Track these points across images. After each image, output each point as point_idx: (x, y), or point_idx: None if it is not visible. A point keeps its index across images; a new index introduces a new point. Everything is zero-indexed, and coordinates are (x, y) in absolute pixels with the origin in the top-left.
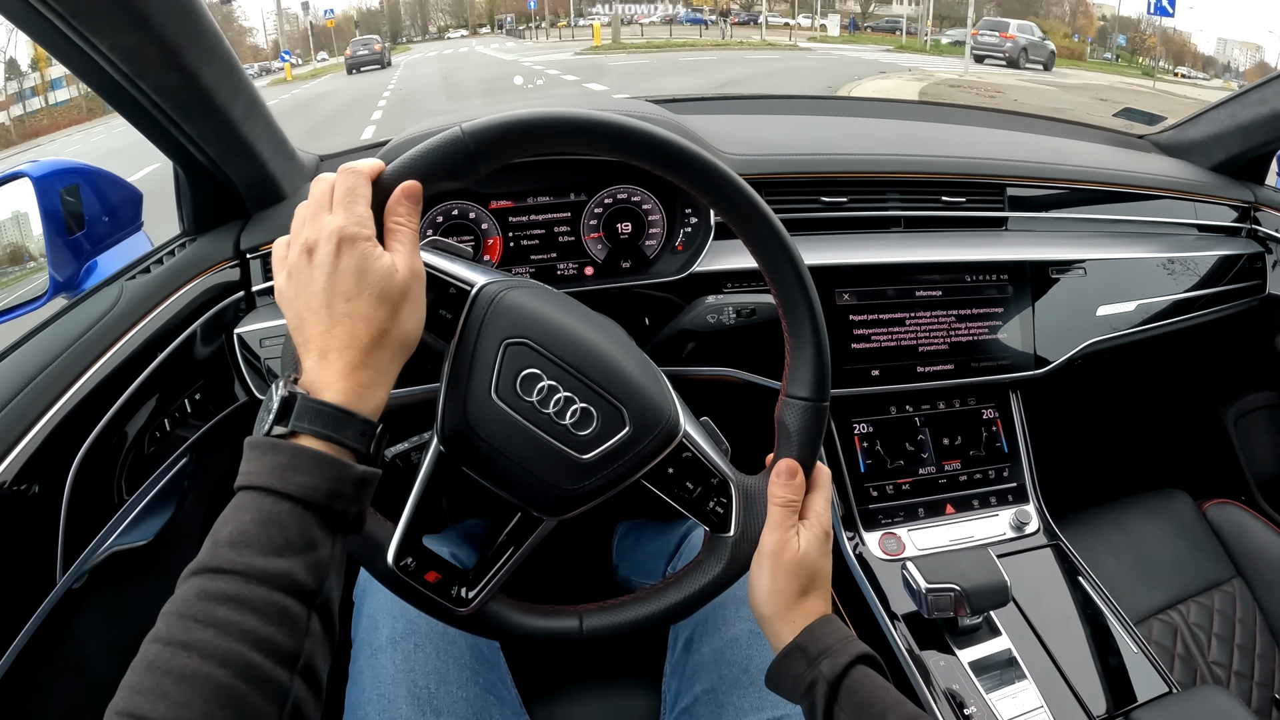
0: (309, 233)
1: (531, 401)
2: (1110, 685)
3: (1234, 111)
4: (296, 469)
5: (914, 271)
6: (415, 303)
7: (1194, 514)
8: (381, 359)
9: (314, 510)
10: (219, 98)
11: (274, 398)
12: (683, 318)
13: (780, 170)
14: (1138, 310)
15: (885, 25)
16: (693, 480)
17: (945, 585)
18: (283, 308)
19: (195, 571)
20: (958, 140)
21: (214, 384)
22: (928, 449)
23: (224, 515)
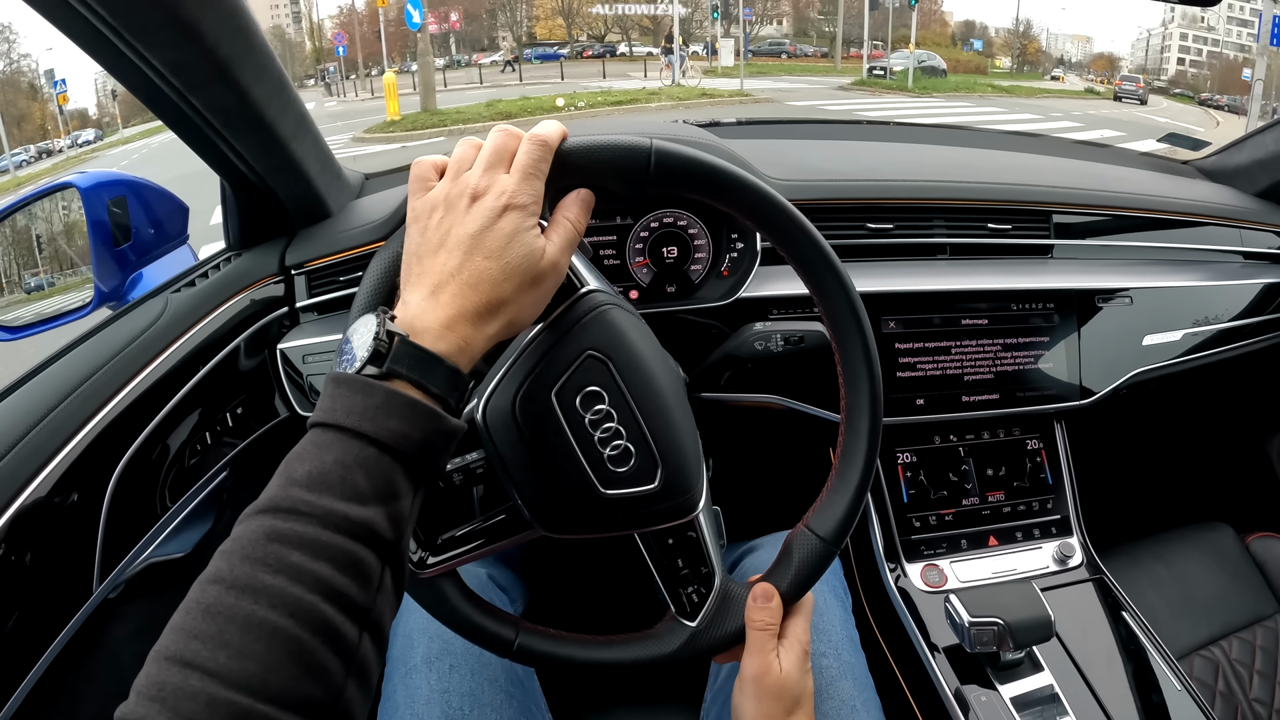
0: (480, 180)
1: (584, 417)
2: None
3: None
4: (390, 414)
5: (960, 300)
6: (542, 295)
7: (1237, 547)
8: (488, 327)
9: (401, 460)
10: (269, 114)
11: (365, 333)
12: (729, 344)
13: (826, 196)
14: (1184, 339)
15: (769, 49)
16: (685, 560)
17: (988, 619)
18: (410, 229)
19: (264, 510)
20: (1003, 166)
21: (255, 399)
22: (971, 479)
23: (298, 452)
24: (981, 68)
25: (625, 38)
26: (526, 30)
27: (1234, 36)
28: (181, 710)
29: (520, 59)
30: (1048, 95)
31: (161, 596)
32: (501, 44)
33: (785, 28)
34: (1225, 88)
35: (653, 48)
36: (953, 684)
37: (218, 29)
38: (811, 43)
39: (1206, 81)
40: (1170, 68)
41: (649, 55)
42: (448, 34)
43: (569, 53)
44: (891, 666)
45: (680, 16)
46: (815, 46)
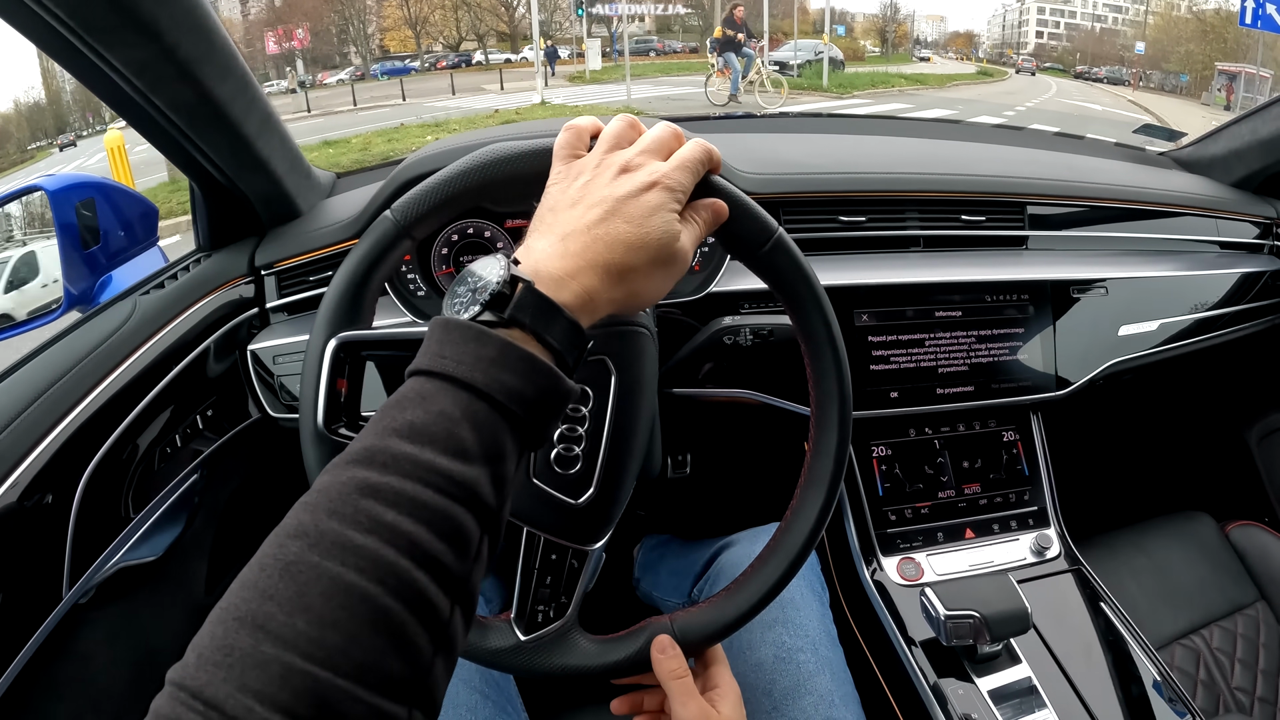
0: (636, 158)
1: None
2: (1133, 714)
3: (1255, 127)
4: (505, 367)
5: (934, 291)
6: (669, 276)
7: (1217, 536)
8: (614, 290)
9: (511, 419)
10: (233, 113)
11: (484, 276)
12: (699, 338)
13: (798, 190)
14: (1160, 329)
15: (636, 47)
16: (553, 581)
17: (965, 612)
18: (550, 189)
19: (356, 460)
20: (976, 158)
21: (226, 401)
22: (947, 472)
23: (397, 400)
24: (859, 53)
25: (481, 45)
26: (378, 44)
27: (1090, 7)
28: (249, 681)
29: (366, 75)
30: (959, 83)
31: (133, 601)
32: (354, 60)
33: (648, 25)
34: (1098, 60)
35: (510, 54)
36: (930, 677)
37: (178, 28)
38: (677, 38)
39: (1075, 55)
40: (1030, 42)
41: (506, 62)
42: (292, 52)
43: (421, 65)
44: (869, 660)
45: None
46: (683, 42)
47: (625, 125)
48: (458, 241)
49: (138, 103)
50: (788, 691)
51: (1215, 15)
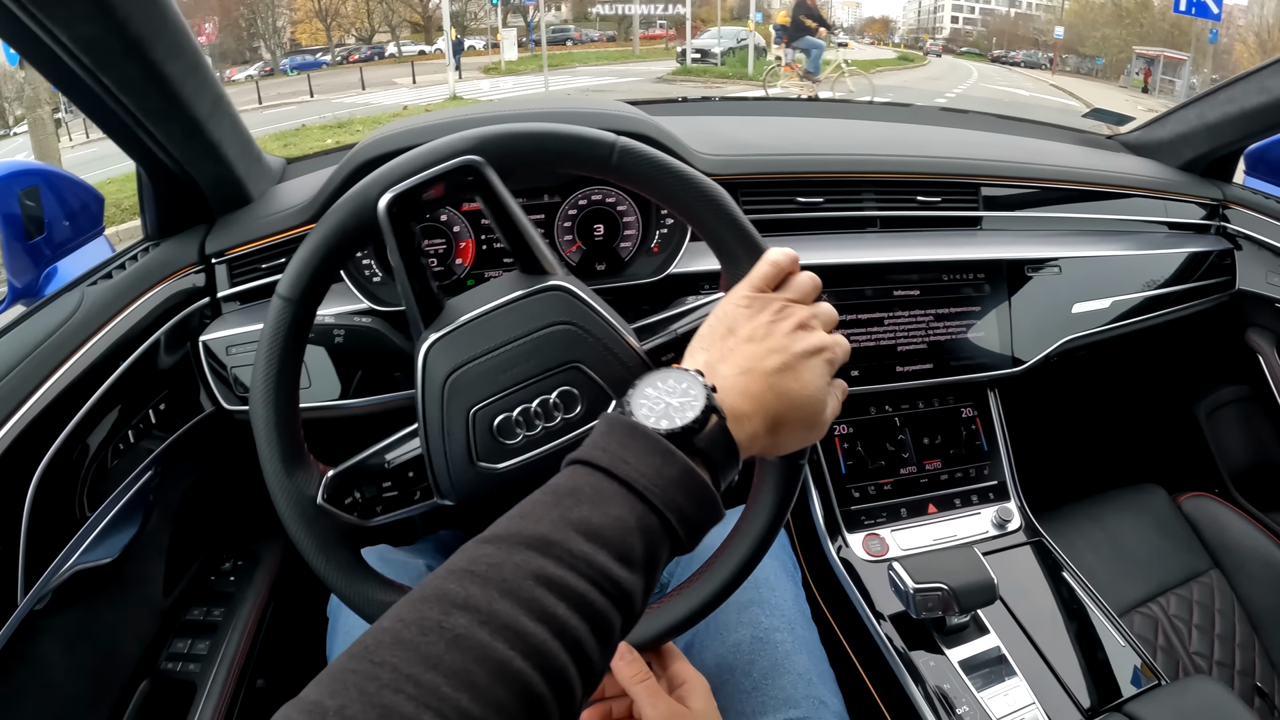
0: (812, 319)
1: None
2: (1099, 679)
3: (1202, 111)
4: (682, 489)
5: (891, 271)
6: (804, 439)
7: (1170, 507)
8: (766, 436)
9: (673, 538)
10: (184, 94)
11: (687, 394)
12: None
13: (755, 171)
14: (1112, 307)
15: (553, 37)
16: None
17: (933, 585)
18: (740, 303)
19: (533, 547)
20: (931, 141)
21: (179, 394)
22: (908, 449)
23: (574, 489)
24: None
25: (394, 36)
26: (288, 37)
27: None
28: None
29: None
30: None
31: (91, 605)
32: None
33: (565, 13)
34: (1014, 44)
35: (425, 45)
36: (901, 650)
37: (128, 2)
38: (595, 26)
39: (992, 40)
40: (946, 27)
41: (420, 54)
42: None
43: (332, 59)
44: (839, 638)
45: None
46: (600, 30)
47: (814, 283)
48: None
49: (84, 81)
50: (767, 671)
51: (1131, 0)
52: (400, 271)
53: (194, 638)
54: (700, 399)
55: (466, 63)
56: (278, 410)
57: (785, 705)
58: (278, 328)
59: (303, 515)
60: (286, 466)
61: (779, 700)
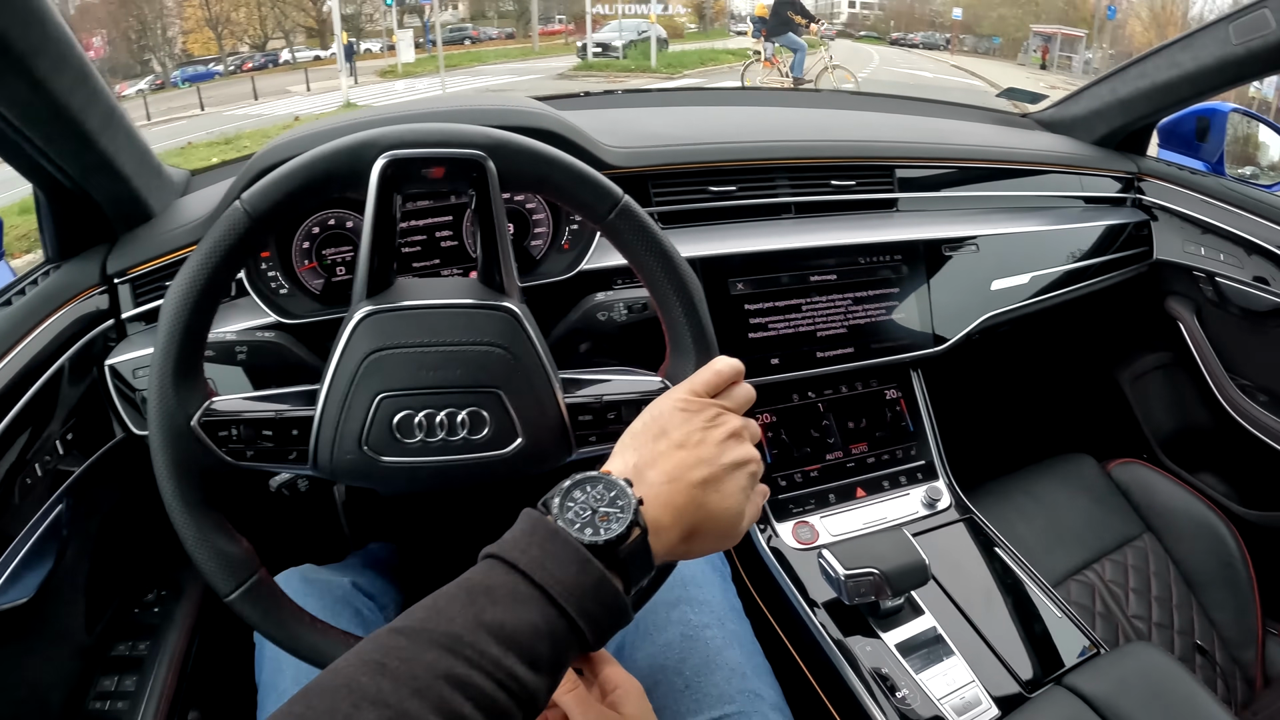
0: (743, 429)
1: (418, 439)
2: (1038, 651)
3: (1114, 86)
4: (596, 599)
5: (807, 257)
6: (716, 547)
7: (1100, 475)
8: (680, 544)
9: (582, 642)
10: (73, 108)
11: (615, 507)
12: (572, 317)
13: (665, 162)
14: (1031, 282)
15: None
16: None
17: (864, 570)
18: (679, 404)
19: (444, 647)
20: (845, 125)
21: (87, 421)
22: (833, 434)
23: (490, 589)
24: (678, 30)
25: (288, 42)
26: (180, 48)
27: None
28: None
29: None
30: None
31: (11, 649)
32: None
33: (462, 11)
34: (912, 26)
35: (320, 50)
36: (836, 637)
37: (7, 16)
38: (493, 24)
39: (889, 23)
40: (843, 12)
41: (315, 60)
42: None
43: (225, 69)
44: (775, 629)
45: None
46: (499, 28)
47: (750, 396)
48: (319, 234)
49: None
50: (699, 669)
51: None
52: (366, 235)
53: (121, 674)
54: (628, 514)
55: (363, 67)
56: (191, 315)
57: (720, 701)
58: (226, 236)
59: (170, 429)
60: (175, 376)
61: (713, 697)
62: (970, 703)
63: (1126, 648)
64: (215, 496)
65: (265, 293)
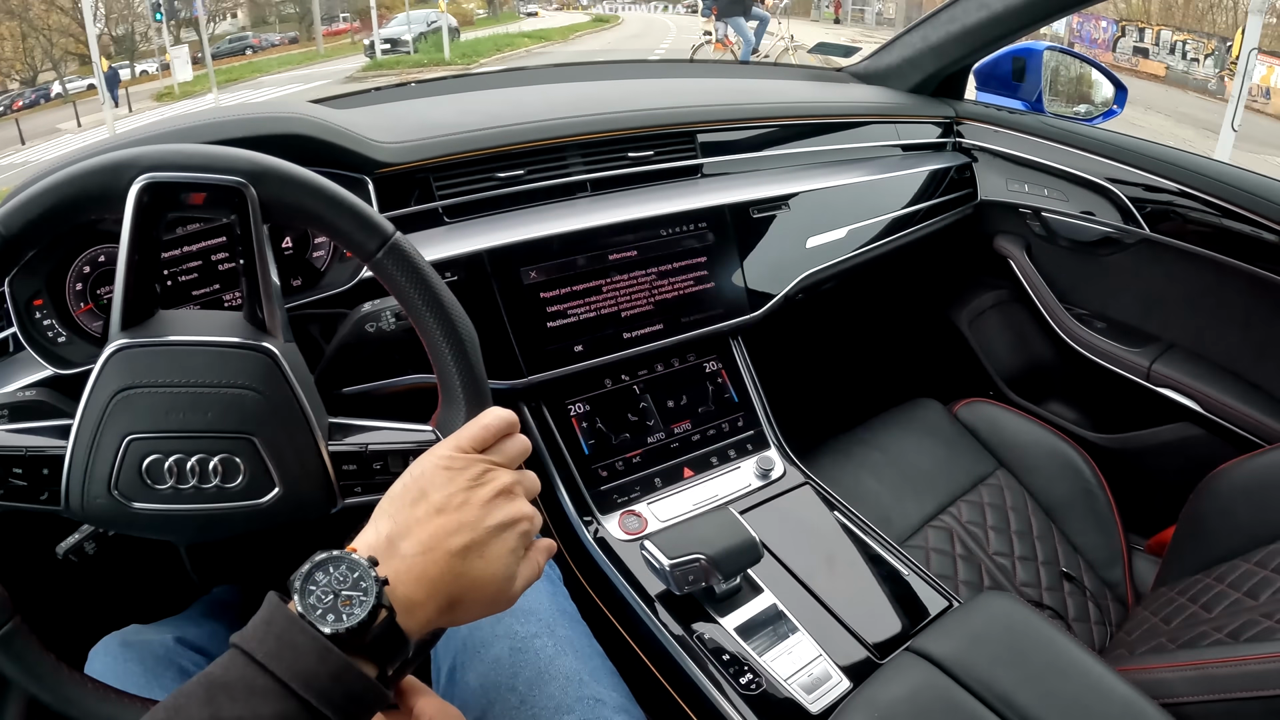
0: (513, 484)
1: (169, 485)
2: (888, 615)
3: (925, 34)
4: (340, 686)
5: (603, 235)
6: (485, 613)
7: (946, 418)
8: (440, 616)
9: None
10: None
11: (356, 585)
12: (341, 332)
13: (446, 153)
14: (850, 236)
15: (231, 48)
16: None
17: (689, 557)
18: (442, 462)
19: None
20: (642, 94)
21: None
22: (652, 415)
23: (227, 686)
24: (467, 18)
25: (59, 73)
26: None
27: None
28: None
29: None
30: (582, 32)
31: None
32: None
33: (241, 19)
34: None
35: (92, 79)
36: (674, 629)
37: None
38: (274, 29)
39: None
40: None
41: (90, 89)
42: None
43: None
44: (614, 626)
45: (116, 34)
46: (281, 33)
47: (524, 448)
48: (90, 273)
49: None
50: (531, 681)
51: None
52: (122, 262)
53: None
54: (370, 597)
55: (139, 91)
56: None
57: (558, 712)
58: None
59: None
60: None
61: (550, 709)
62: (819, 679)
63: (975, 601)
64: None
65: (42, 344)
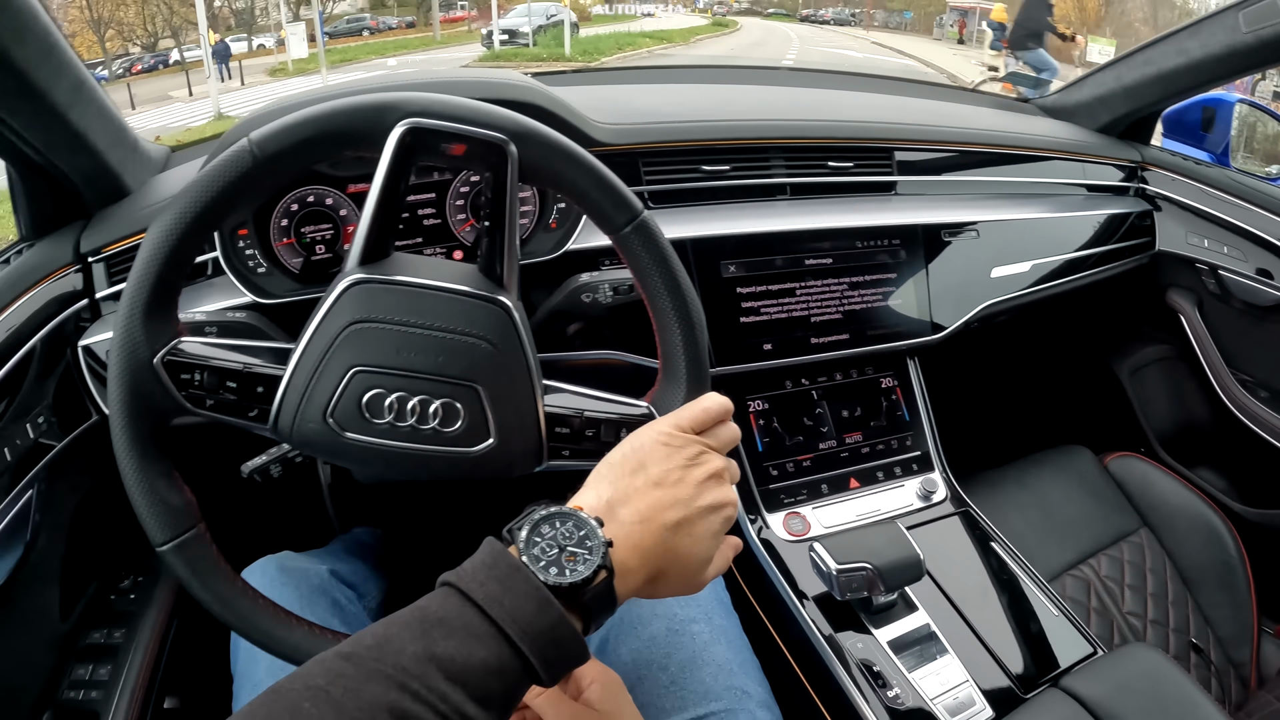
0: (724, 470)
1: (386, 421)
2: (1034, 651)
3: (1119, 74)
4: (552, 639)
5: (803, 240)
6: (680, 591)
7: (1096, 468)
8: (641, 590)
9: (535, 680)
10: (38, 81)
11: (581, 543)
12: (555, 299)
13: (657, 140)
14: (1032, 270)
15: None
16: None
17: (856, 565)
18: (660, 439)
19: (392, 680)
20: (842, 105)
21: (61, 403)
22: (827, 422)
23: (444, 620)
24: (584, 13)
25: (178, 41)
26: None
27: None
28: None
29: None
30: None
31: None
32: None
33: (360, 1)
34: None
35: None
36: (827, 633)
37: None
38: (393, 13)
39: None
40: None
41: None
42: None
43: (111, 74)
44: (765, 623)
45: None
46: (399, 17)
47: (735, 436)
48: (298, 211)
49: None
50: (684, 664)
51: None
52: (372, 199)
53: (95, 663)
54: (596, 557)
55: (253, 64)
56: (178, 243)
57: (705, 698)
58: (228, 170)
59: (132, 361)
60: (147, 308)
61: (698, 694)
62: (964, 703)
63: (1125, 649)
64: (165, 442)
65: (242, 272)
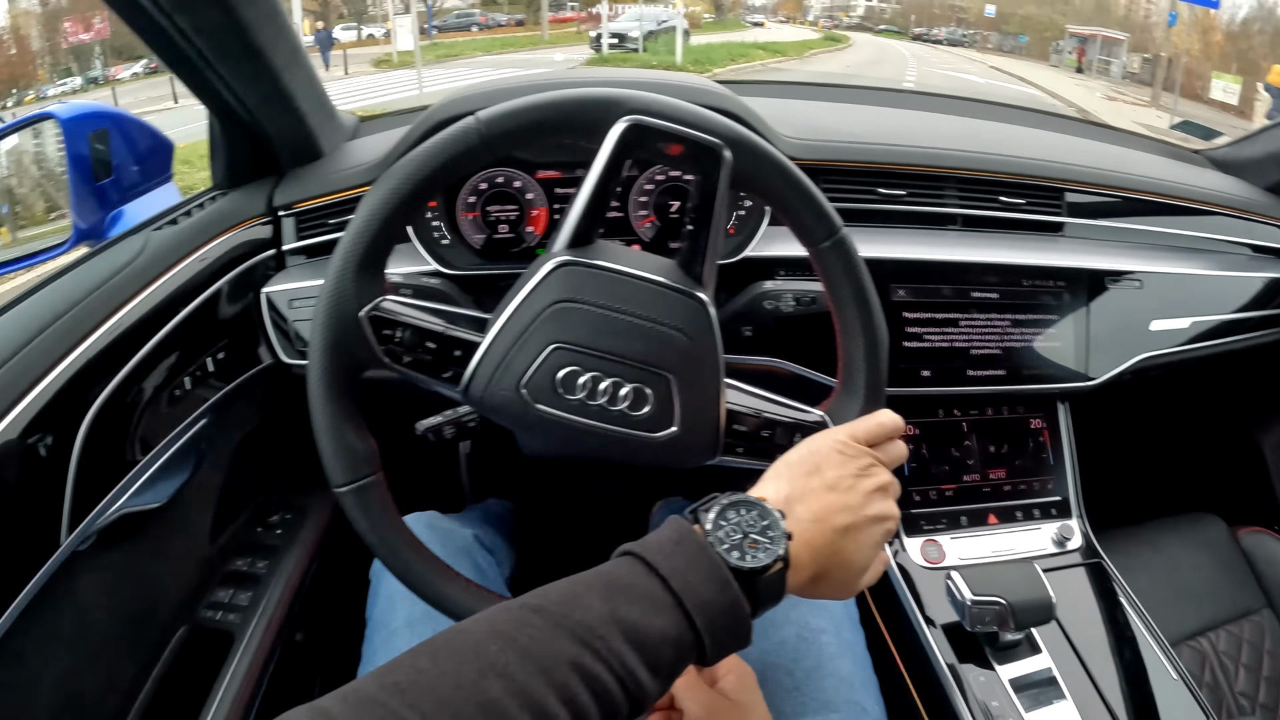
0: (887, 480)
1: (578, 398)
2: (1147, 712)
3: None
4: (726, 619)
5: (970, 272)
6: (839, 593)
7: (1227, 540)
8: (803, 589)
9: (701, 658)
10: (260, 40)
11: (765, 533)
12: (738, 302)
13: (838, 158)
14: (1191, 327)
15: (457, 23)
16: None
17: (991, 598)
18: (835, 446)
19: (577, 634)
20: (1017, 141)
21: (238, 344)
22: (974, 455)
23: (628, 583)
24: (695, 21)
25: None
26: None
27: None
28: None
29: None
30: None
31: (135, 548)
32: None
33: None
34: (932, 21)
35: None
36: (950, 662)
37: None
38: (503, 10)
39: (910, 18)
40: (860, 4)
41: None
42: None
43: None
44: (888, 644)
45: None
46: (508, 14)
47: (903, 454)
48: (485, 190)
49: (161, 25)
50: (809, 672)
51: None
52: (588, 188)
53: (236, 588)
54: (777, 547)
55: (360, 54)
56: (397, 206)
57: (825, 708)
58: (454, 144)
59: (340, 312)
60: (360, 262)
61: (819, 703)
62: None
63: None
64: (357, 393)
65: (428, 241)
